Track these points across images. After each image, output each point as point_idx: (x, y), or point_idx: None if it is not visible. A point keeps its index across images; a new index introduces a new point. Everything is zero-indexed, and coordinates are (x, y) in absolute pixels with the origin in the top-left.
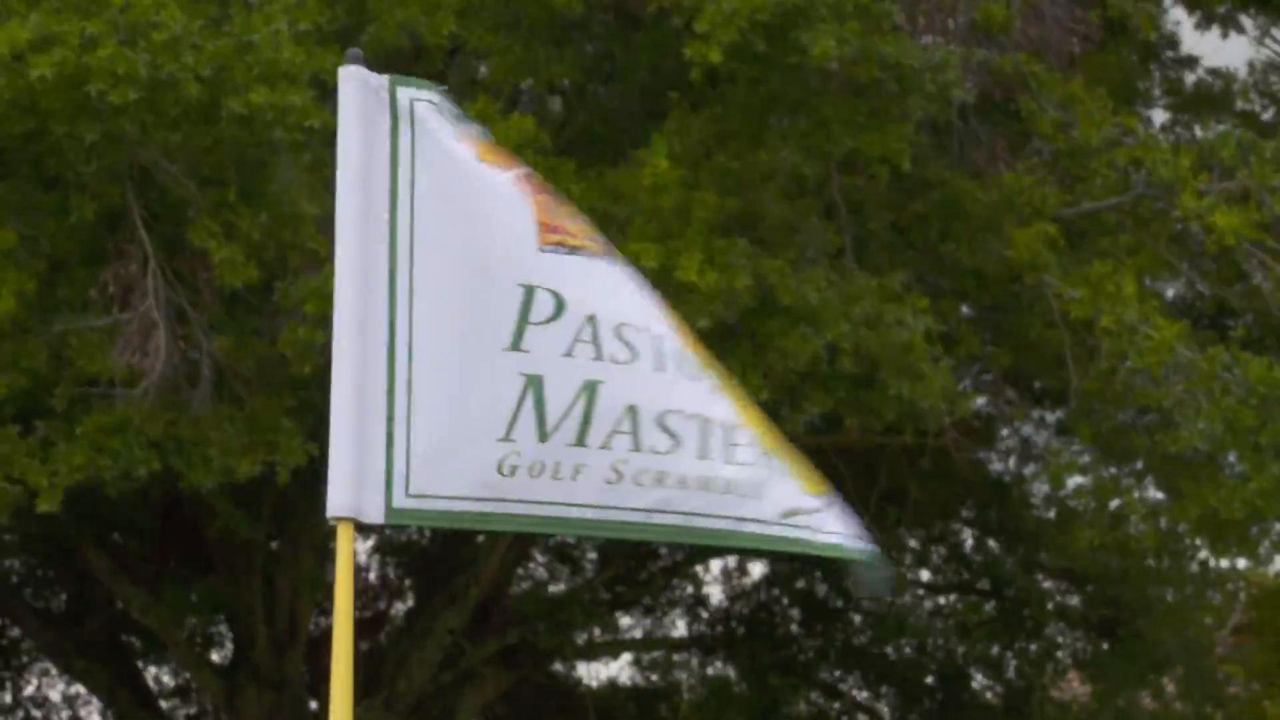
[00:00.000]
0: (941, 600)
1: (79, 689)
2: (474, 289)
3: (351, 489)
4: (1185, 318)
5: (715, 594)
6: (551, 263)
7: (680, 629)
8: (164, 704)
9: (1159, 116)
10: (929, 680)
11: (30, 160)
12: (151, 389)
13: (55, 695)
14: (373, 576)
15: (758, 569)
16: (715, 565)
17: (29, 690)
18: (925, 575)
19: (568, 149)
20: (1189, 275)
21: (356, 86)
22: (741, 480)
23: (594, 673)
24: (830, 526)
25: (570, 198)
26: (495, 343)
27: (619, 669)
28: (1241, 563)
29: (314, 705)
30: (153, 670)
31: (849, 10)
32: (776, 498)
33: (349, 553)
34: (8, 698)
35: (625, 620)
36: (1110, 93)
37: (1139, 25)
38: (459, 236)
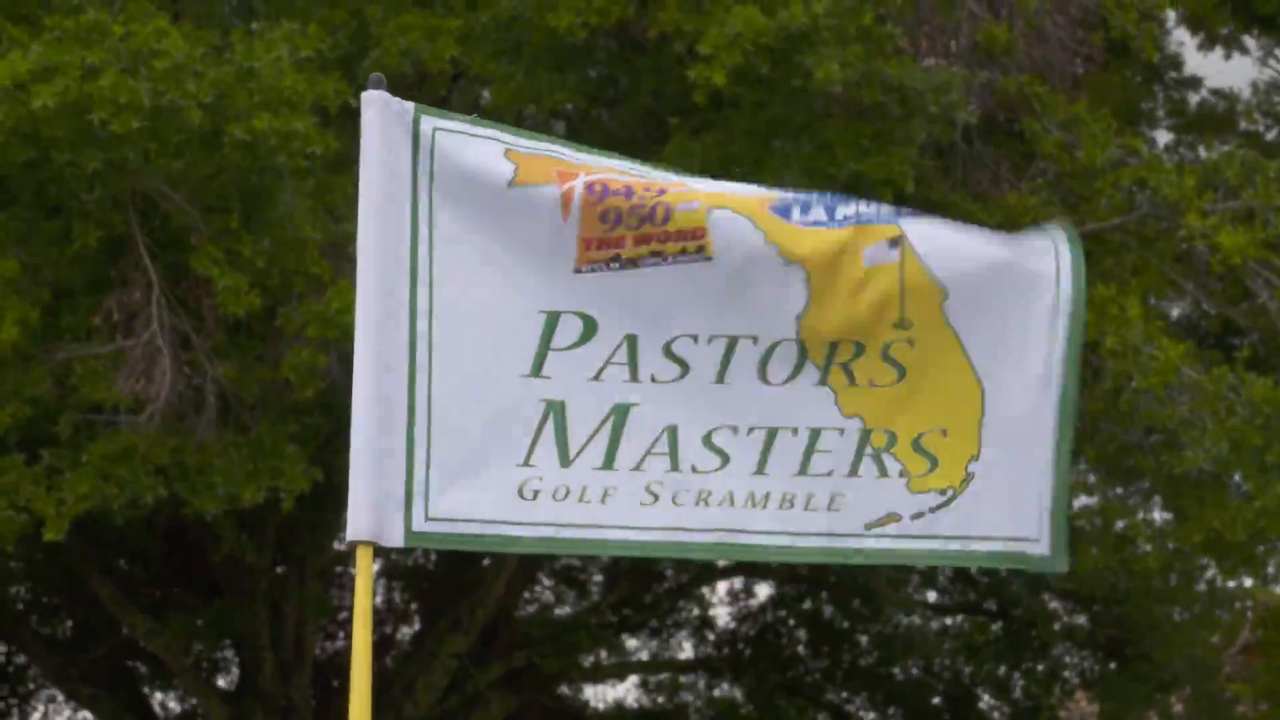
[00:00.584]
0: (948, 621)
1: (85, 715)
2: (494, 316)
3: (371, 512)
4: (1190, 337)
5: (722, 616)
6: (587, 284)
7: (687, 651)
8: None
9: (1163, 137)
10: (936, 701)
11: (33, 188)
12: (156, 416)
13: None
14: (379, 600)
15: (764, 590)
16: (721, 587)
17: (35, 717)
18: (932, 596)
19: None
20: (1194, 295)
21: (379, 111)
22: (812, 492)
23: (600, 695)
24: (946, 528)
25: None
26: (514, 369)
27: (625, 691)
28: (1249, 582)
29: None
30: (159, 696)
31: (852, 33)
32: (861, 507)
33: (368, 575)
34: None
35: (632, 642)
36: (1114, 113)
37: (1142, 46)
38: (480, 265)
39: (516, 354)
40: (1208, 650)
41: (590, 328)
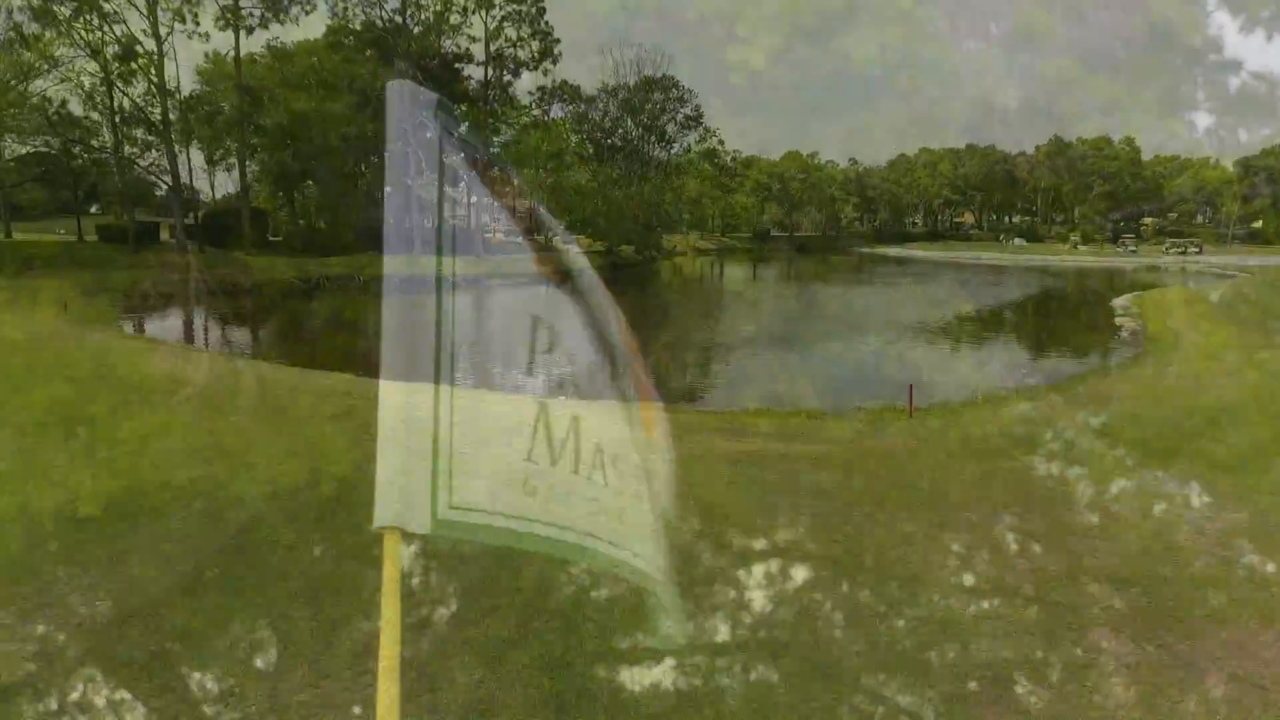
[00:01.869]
0: (985, 604)
1: (124, 695)
2: (503, 302)
3: (398, 499)
4: (1231, 321)
5: (758, 599)
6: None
7: (723, 634)
8: (209, 710)
9: (1203, 119)
10: (973, 685)
11: (71, 170)
12: (194, 396)
13: (100, 701)
14: (418, 582)
15: (801, 573)
16: (758, 570)
17: (74, 696)
18: (969, 579)
19: (609, 155)
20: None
21: (403, 99)
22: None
23: (636, 678)
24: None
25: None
26: (525, 359)
27: (661, 674)
28: None
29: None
30: (196, 676)
31: (891, 16)
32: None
33: (396, 560)
34: (54, 704)
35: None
36: (1154, 96)
37: (1183, 29)
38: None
39: (525, 343)
40: (1247, 635)
41: (553, 336)
